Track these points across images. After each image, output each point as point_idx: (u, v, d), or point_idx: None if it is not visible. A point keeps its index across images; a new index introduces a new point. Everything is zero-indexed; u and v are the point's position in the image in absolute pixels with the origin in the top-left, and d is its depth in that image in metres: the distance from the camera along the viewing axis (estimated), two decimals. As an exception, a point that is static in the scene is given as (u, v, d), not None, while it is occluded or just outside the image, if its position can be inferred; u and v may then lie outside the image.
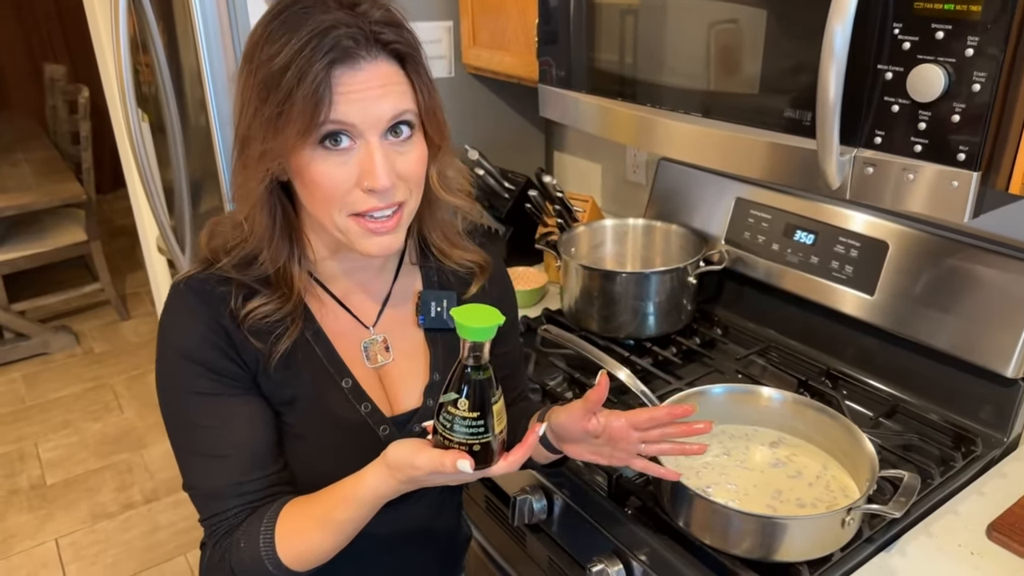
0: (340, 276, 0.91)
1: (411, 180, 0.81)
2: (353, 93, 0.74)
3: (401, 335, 0.95)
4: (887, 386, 1.25)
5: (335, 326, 0.90)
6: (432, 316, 0.95)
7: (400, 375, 0.94)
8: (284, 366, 0.85)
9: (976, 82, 0.78)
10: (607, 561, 1.01)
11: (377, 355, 0.93)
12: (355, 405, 0.89)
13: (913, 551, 0.96)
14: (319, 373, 0.88)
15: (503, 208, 1.75)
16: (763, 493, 0.98)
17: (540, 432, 0.78)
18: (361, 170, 0.77)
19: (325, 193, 0.78)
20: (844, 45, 0.83)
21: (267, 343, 0.83)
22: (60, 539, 2.42)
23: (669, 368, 1.36)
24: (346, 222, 0.79)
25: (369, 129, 0.76)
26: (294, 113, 0.73)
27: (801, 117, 0.95)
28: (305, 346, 0.87)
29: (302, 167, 0.77)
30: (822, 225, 1.32)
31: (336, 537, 0.81)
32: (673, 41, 1.09)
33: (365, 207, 0.79)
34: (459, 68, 1.76)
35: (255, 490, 0.84)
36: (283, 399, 0.86)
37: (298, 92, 0.72)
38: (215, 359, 0.82)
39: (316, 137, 0.75)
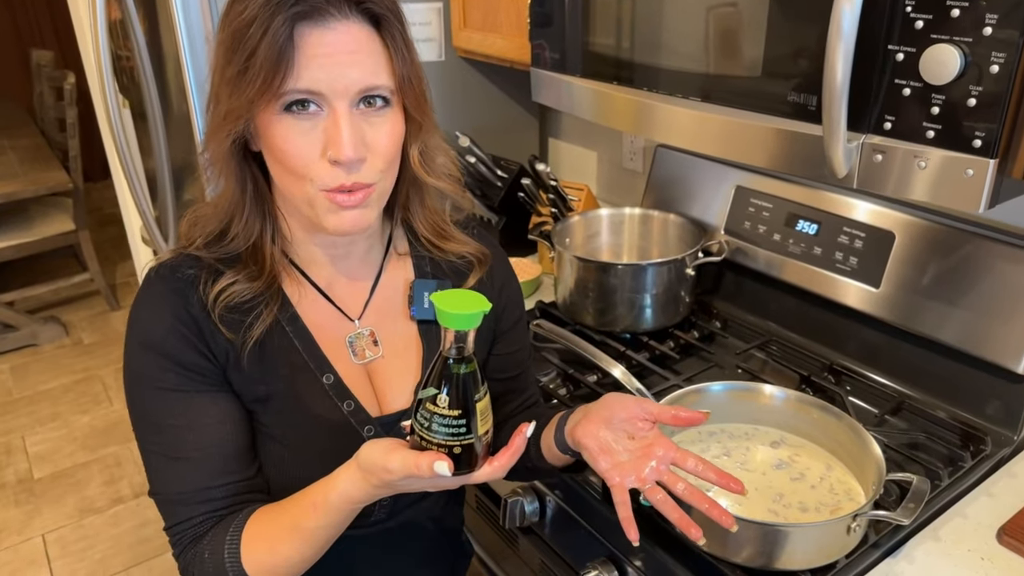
0: (322, 263, 0.85)
1: (382, 155, 0.75)
2: (321, 56, 0.70)
3: (391, 329, 0.89)
4: (893, 382, 1.21)
5: (316, 317, 0.84)
6: (425, 307, 0.88)
7: (390, 372, 0.88)
8: (258, 358, 0.79)
9: (994, 63, 0.73)
10: (601, 567, 0.97)
11: (365, 350, 0.86)
12: (336, 403, 0.83)
13: (920, 556, 0.92)
14: (297, 366, 0.82)
15: (495, 197, 1.70)
16: (764, 496, 0.94)
17: (528, 433, 0.71)
18: (327, 138, 0.72)
19: (291, 161, 0.73)
20: (853, 24, 0.78)
21: (239, 332, 0.78)
22: (47, 534, 2.38)
23: (666, 363, 1.32)
24: (317, 195, 0.74)
25: (337, 97, 0.71)
26: (255, 71, 0.69)
27: (806, 101, 0.90)
28: (281, 335, 0.81)
29: (266, 131, 0.73)
30: (825, 214, 1.27)
31: (306, 547, 0.76)
32: (672, 21, 1.04)
33: (330, 183, 0.73)
34: (449, 51, 1.70)
35: (222, 496, 0.78)
36: (256, 396, 0.80)
37: (260, 48, 0.68)
38: (182, 351, 0.77)
39: (280, 102, 0.71)
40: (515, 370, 0.99)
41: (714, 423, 1.06)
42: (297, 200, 0.76)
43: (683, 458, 0.77)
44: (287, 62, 0.69)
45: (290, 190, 0.76)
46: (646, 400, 0.81)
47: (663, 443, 0.78)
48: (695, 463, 0.77)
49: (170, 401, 0.77)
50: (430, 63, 1.69)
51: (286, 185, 0.76)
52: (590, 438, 0.79)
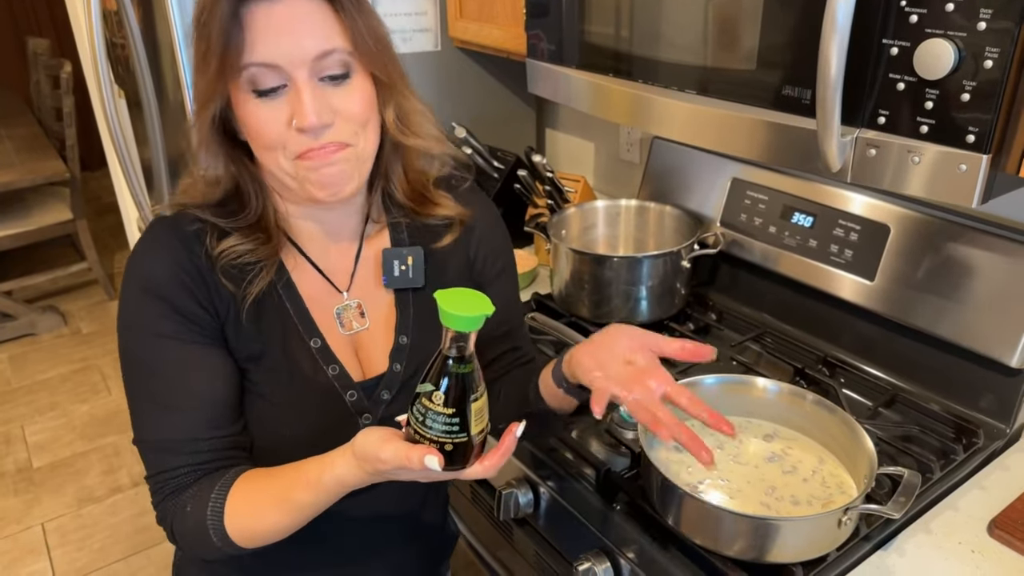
0: (314, 236, 0.88)
1: (355, 119, 0.77)
2: (272, 28, 0.72)
3: (374, 299, 0.91)
4: (886, 375, 1.21)
5: (308, 287, 0.87)
6: (396, 275, 0.90)
7: (372, 341, 0.90)
8: (254, 316, 0.82)
9: (988, 58, 0.72)
10: (594, 559, 0.97)
11: (352, 321, 0.89)
12: (322, 366, 0.85)
13: (912, 549, 0.93)
14: (288, 329, 0.84)
15: (492, 188, 1.69)
16: (756, 490, 0.94)
17: (518, 433, 0.71)
18: (291, 109, 0.74)
19: (263, 138, 0.76)
20: (847, 17, 0.77)
21: (240, 287, 0.80)
22: (46, 523, 2.39)
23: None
24: (293, 166, 0.77)
25: (296, 67, 0.73)
26: (212, 50, 0.72)
27: (800, 95, 0.89)
28: (276, 298, 0.84)
29: (238, 111, 0.77)
30: (821, 207, 1.27)
31: (290, 518, 0.77)
32: (668, 13, 1.04)
33: (300, 149, 0.76)
34: (446, 41, 1.69)
35: (209, 450, 0.79)
36: (251, 353, 0.82)
37: (212, 27, 0.71)
38: (184, 300, 0.78)
39: (243, 79, 0.74)
40: (502, 327, 0.98)
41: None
42: (278, 174, 0.79)
43: (677, 393, 0.79)
44: (236, 39, 0.71)
45: (269, 166, 0.79)
46: (651, 333, 0.83)
47: (659, 375, 0.80)
48: (688, 401, 0.79)
49: (166, 348, 0.78)
50: (426, 53, 1.68)
51: (265, 161, 0.79)
52: (588, 356, 0.82)
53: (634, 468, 1.03)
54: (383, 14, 1.56)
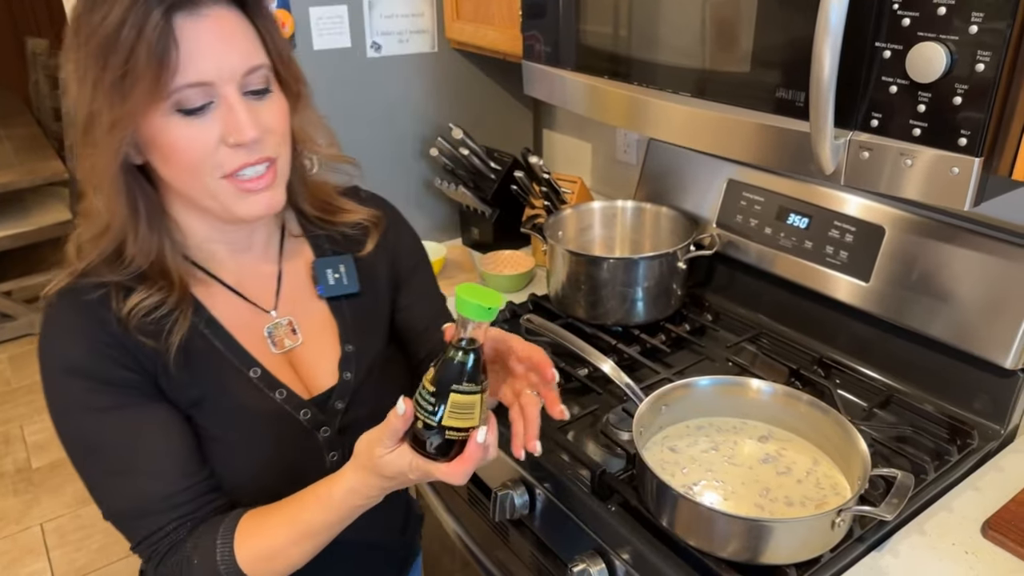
0: (226, 259, 0.85)
1: (278, 133, 0.77)
2: (202, 44, 0.69)
3: (305, 313, 0.90)
4: (881, 375, 1.21)
5: (232, 315, 0.84)
6: (331, 284, 0.90)
7: (312, 355, 0.89)
8: (184, 363, 0.79)
9: (980, 62, 0.73)
10: (589, 560, 0.97)
11: (284, 339, 0.87)
12: (268, 394, 0.84)
13: (905, 551, 0.93)
14: (222, 366, 0.82)
15: (489, 189, 1.70)
16: (751, 491, 0.94)
17: (479, 439, 0.70)
18: (224, 127, 0.72)
19: (190, 158, 0.72)
20: (840, 20, 0.77)
21: (160, 341, 0.77)
22: (45, 524, 2.40)
23: (657, 356, 1.32)
24: (218, 185, 0.74)
25: (225, 83, 0.71)
26: (139, 71, 0.67)
27: (794, 98, 0.90)
28: (201, 339, 0.81)
29: (157, 135, 0.71)
30: (816, 208, 1.27)
31: (308, 544, 0.77)
32: (664, 16, 1.04)
33: (235, 164, 0.74)
34: (442, 43, 1.69)
35: (187, 501, 0.77)
36: (190, 400, 0.80)
37: (140, 46, 0.66)
38: (109, 369, 0.75)
39: (170, 100, 0.70)
40: (424, 320, 1.00)
41: (702, 417, 1.06)
42: (199, 197, 0.76)
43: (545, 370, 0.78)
44: (172, 56, 0.68)
45: (190, 189, 0.75)
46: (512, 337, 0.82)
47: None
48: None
49: (109, 420, 0.76)
50: (423, 55, 1.68)
51: (184, 185, 0.75)
52: None
53: (629, 469, 1.03)
54: (380, 16, 1.58)
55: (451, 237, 1.88)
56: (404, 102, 1.69)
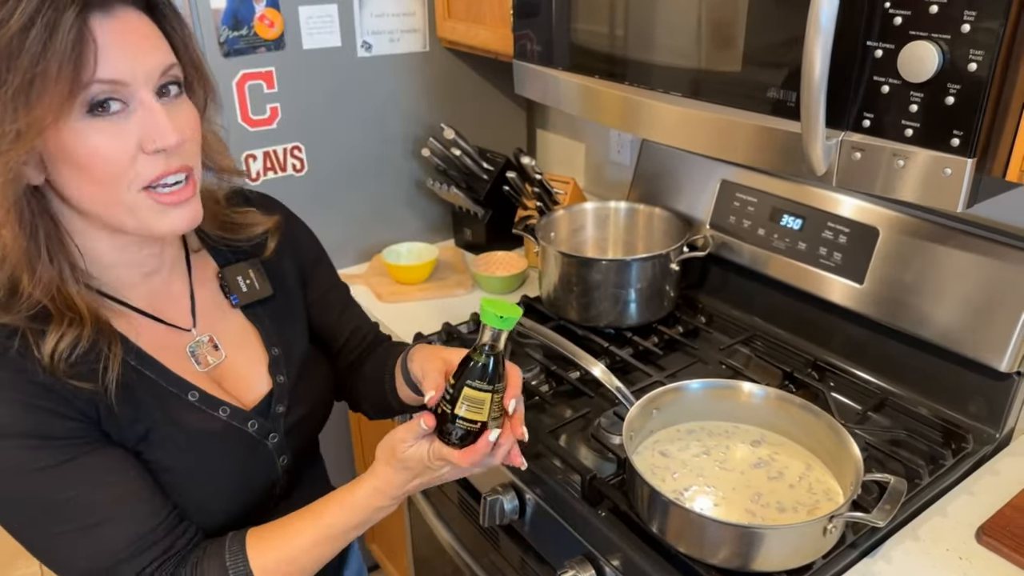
0: (135, 284, 0.80)
1: (193, 139, 0.74)
2: (116, 44, 0.66)
3: (222, 328, 0.87)
4: (876, 378, 1.20)
5: (154, 341, 0.80)
6: (244, 291, 0.89)
7: (238, 367, 0.87)
8: (124, 400, 0.75)
9: (972, 61, 0.71)
10: (578, 566, 0.96)
11: (207, 356, 0.84)
12: (211, 414, 0.82)
13: (898, 557, 0.92)
14: (161, 396, 0.79)
15: (481, 190, 1.68)
16: (742, 496, 0.93)
17: (491, 439, 0.76)
18: (142, 132, 0.68)
19: (107, 169, 0.67)
20: (831, 19, 0.76)
21: (96, 382, 0.72)
22: (37, 527, 2.38)
23: (650, 358, 1.31)
24: (136, 199, 0.70)
25: (141, 86, 0.68)
26: (50, 75, 0.62)
27: (786, 98, 0.89)
28: (133, 373, 0.77)
29: (68, 147, 0.66)
30: (810, 209, 1.26)
31: (327, 548, 0.79)
32: (657, 15, 1.03)
33: (155, 172, 0.69)
34: (434, 42, 1.68)
35: (162, 537, 0.74)
36: (136, 436, 0.76)
37: (52, 48, 0.62)
38: (47, 423, 0.70)
39: (82, 104, 0.65)
40: (335, 309, 1.02)
41: (693, 421, 1.05)
42: (114, 214, 0.71)
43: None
44: (88, 56, 0.64)
45: (104, 206, 0.70)
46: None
47: None
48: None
49: (59, 476, 0.70)
50: (414, 54, 1.67)
51: (98, 202, 0.70)
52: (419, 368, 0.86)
53: (620, 474, 1.02)
54: (371, 15, 1.56)
55: (443, 238, 1.87)
56: (395, 102, 1.68)
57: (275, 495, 0.90)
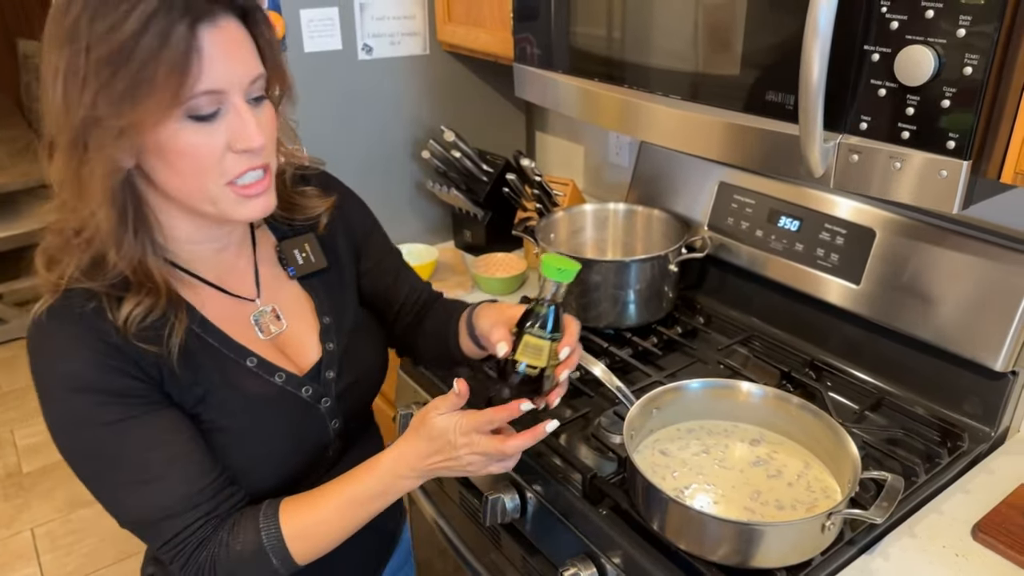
0: (207, 258, 0.86)
1: (272, 140, 0.80)
2: (220, 55, 0.71)
3: (284, 299, 0.93)
4: (873, 378, 1.21)
5: (220, 311, 0.86)
6: (300, 263, 0.95)
7: (296, 336, 0.93)
8: (185, 364, 0.80)
9: (968, 65, 0.73)
10: (580, 564, 0.97)
11: (269, 325, 0.91)
12: (268, 379, 0.87)
13: (896, 553, 0.93)
14: (221, 361, 0.84)
15: (481, 192, 1.70)
16: (741, 494, 0.94)
17: (548, 429, 0.83)
18: (232, 133, 0.74)
19: (198, 165, 0.74)
20: (828, 23, 0.78)
21: (161, 345, 0.78)
22: (36, 528, 2.38)
23: (649, 359, 1.32)
24: (219, 191, 0.76)
25: (234, 92, 0.73)
26: (158, 81, 0.67)
27: (784, 100, 0.90)
28: (196, 339, 0.83)
29: (162, 143, 0.72)
30: (807, 211, 1.27)
31: (354, 517, 0.83)
32: (655, 19, 1.04)
33: (239, 170, 0.76)
34: (434, 45, 1.69)
35: (209, 498, 0.80)
36: (195, 398, 0.82)
37: (162, 56, 0.67)
38: (116, 380, 0.76)
39: (184, 108, 0.70)
40: (390, 275, 1.07)
41: (693, 420, 1.06)
42: (197, 201, 0.77)
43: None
44: (193, 66, 0.69)
45: (189, 194, 0.76)
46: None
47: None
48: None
49: (120, 434, 0.76)
50: (415, 57, 1.68)
51: (184, 190, 0.76)
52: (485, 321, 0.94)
53: (620, 473, 1.03)
54: (371, 18, 1.57)
55: (443, 239, 1.87)
56: (396, 104, 1.69)
57: (327, 458, 0.94)
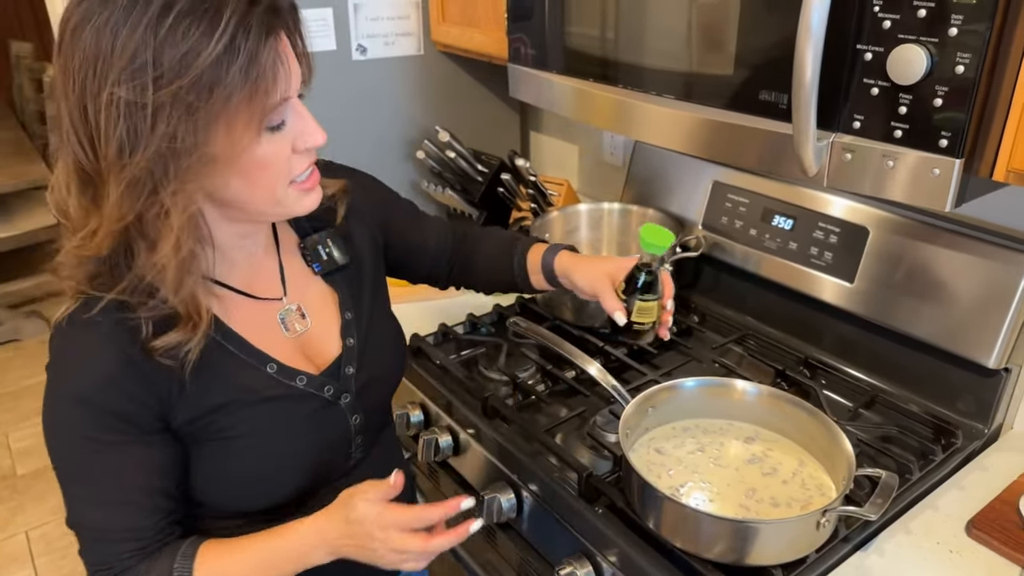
0: (238, 263, 0.85)
1: None
2: (287, 62, 0.72)
3: (308, 296, 0.93)
4: (867, 376, 1.22)
5: (244, 316, 0.85)
6: (325, 260, 0.94)
7: (318, 333, 0.92)
8: (199, 375, 0.78)
9: (960, 64, 0.73)
10: (576, 563, 0.97)
11: (294, 324, 0.90)
12: (288, 384, 0.86)
13: (891, 550, 0.94)
14: (241, 368, 0.83)
15: (476, 192, 1.70)
16: (737, 492, 0.94)
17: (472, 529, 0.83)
18: (295, 134, 0.75)
19: (274, 173, 0.74)
20: (821, 23, 0.78)
21: (177, 359, 0.76)
22: (30, 531, 2.37)
23: (644, 357, 1.32)
24: (286, 192, 0.77)
25: (293, 94, 0.74)
26: (255, 100, 0.68)
27: (777, 100, 0.90)
28: (217, 348, 0.81)
29: (244, 159, 0.71)
30: (801, 210, 1.28)
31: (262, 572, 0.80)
32: (649, 19, 1.04)
33: (303, 167, 0.77)
34: (428, 45, 1.69)
35: (148, 536, 0.78)
36: (211, 407, 0.80)
37: (251, 75, 0.67)
38: (119, 403, 0.74)
39: (264, 121, 0.70)
40: (417, 230, 1.10)
41: (688, 418, 1.06)
42: (264, 207, 0.77)
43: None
44: (279, 79, 0.70)
45: (258, 202, 0.76)
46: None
47: None
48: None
49: (101, 452, 0.75)
50: (409, 57, 1.68)
51: (256, 199, 0.75)
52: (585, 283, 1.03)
53: (616, 472, 1.03)
54: (366, 18, 1.57)
55: (438, 240, 1.87)
56: (390, 105, 1.69)
57: (350, 456, 0.93)
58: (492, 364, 1.29)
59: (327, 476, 0.91)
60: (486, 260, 1.14)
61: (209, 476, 0.83)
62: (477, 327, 1.44)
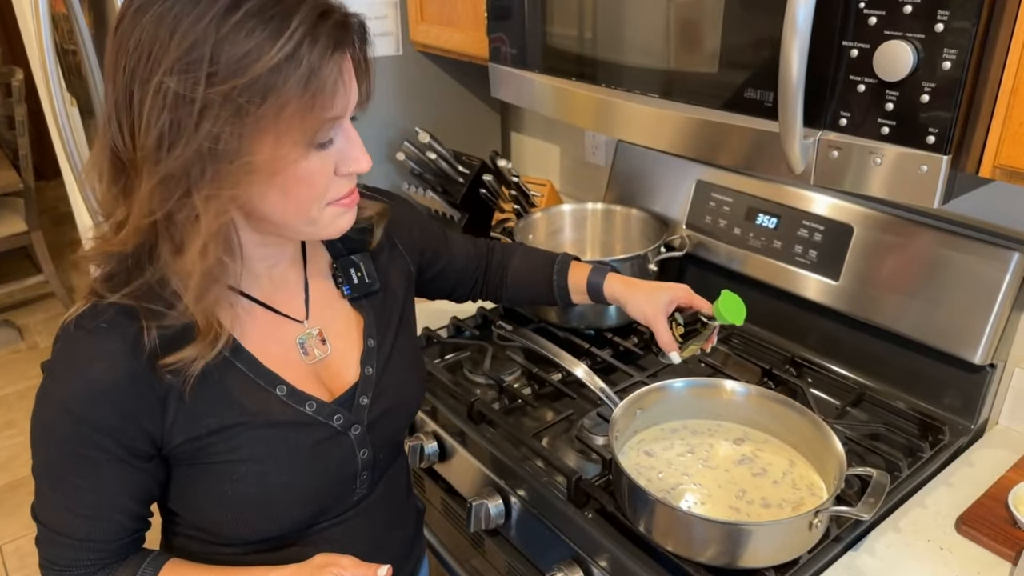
0: (261, 276, 0.81)
1: None
2: (350, 82, 0.69)
3: (331, 321, 0.88)
4: (853, 373, 1.22)
5: (260, 333, 0.81)
6: (356, 283, 0.90)
7: (337, 361, 0.87)
8: (203, 388, 0.75)
9: (946, 60, 0.73)
10: (566, 569, 0.96)
11: (314, 349, 0.85)
12: (297, 408, 0.81)
13: (881, 549, 0.93)
14: (247, 389, 0.78)
15: (457, 193, 1.68)
16: (727, 493, 0.93)
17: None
18: (340, 157, 0.72)
19: (312, 191, 0.71)
20: (807, 19, 0.77)
21: (179, 374, 0.73)
22: (5, 545, 2.31)
23: (631, 359, 1.31)
24: (320, 212, 0.74)
25: (346, 117, 0.71)
26: (312, 113, 0.65)
27: (763, 98, 0.89)
28: (224, 364, 0.77)
29: (285, 172, 0.68)
30: (785, 208, 1.28)
31: None
32: (631, 16, 1.03)
33: (344, 191, 0.74)
34: (407, 45, 1.67)
35: (111, 550, 0.77)
36: (209, 429, 0.76)
37: (310, 87, 0.64)
38: (110, 419, 0.71)
39: (312, 138, 0.68)
40: (447, 253, 1.08)
41: (677, 420, 1.06)
42: (296, 224, 0.74)
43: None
44: (337, 96, 0.67)
45: (291, 217, 0.73)
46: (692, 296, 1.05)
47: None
48: None
49: (80, 465, 0.73)
50: (387, 58, 1.66)
51: (289, 214, 0.72)
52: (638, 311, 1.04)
53: (605, 475, 1.02)
54: (343, 18, 1.55)
55: (420, 242, 1.85)
56: (369, 105, 1.66)
57: (355, 491, 0.88)
58: (477, 368, 1.27)
59: (329, 509, 0.86)
60: (518, 276, 1.13)
61: (205, 499, 0.79)
62: (461, 330, 1.42)
